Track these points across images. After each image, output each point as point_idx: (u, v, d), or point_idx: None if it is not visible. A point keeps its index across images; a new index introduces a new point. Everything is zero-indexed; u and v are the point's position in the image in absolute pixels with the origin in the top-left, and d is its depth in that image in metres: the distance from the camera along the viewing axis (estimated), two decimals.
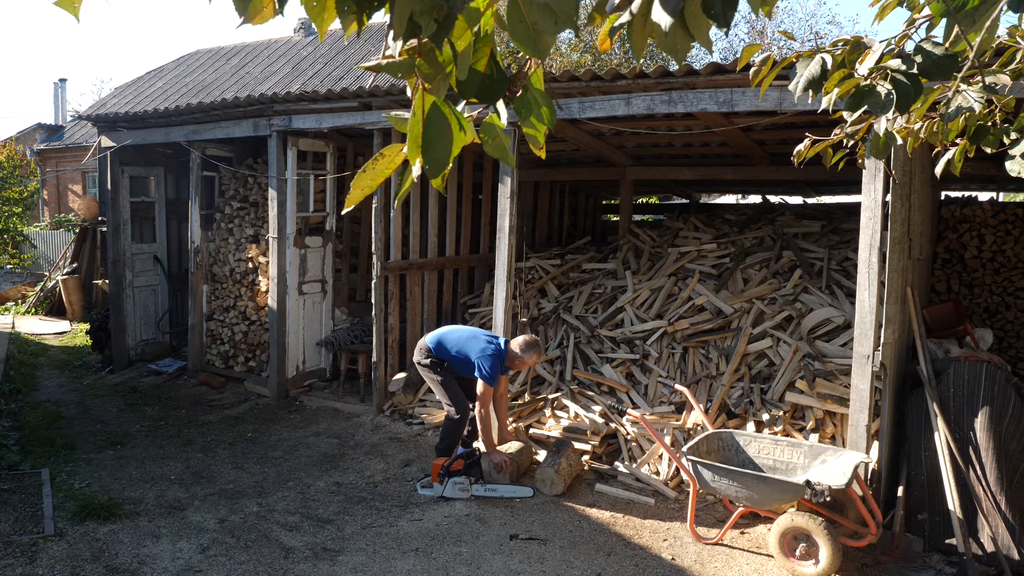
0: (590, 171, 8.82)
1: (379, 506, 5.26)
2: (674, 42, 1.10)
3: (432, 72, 1.05)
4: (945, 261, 8.03)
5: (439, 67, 1.05)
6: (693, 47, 1.12)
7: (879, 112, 2.15)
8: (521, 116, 1.29)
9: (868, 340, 4.76)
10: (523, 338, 5.58)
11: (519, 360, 5.55)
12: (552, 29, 0.99)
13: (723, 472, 4.58)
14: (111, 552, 4.47)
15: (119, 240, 9.17)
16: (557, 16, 0.97)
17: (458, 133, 1.12)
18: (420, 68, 1.04)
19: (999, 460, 4.60)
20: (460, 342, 5.58)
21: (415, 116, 1.08)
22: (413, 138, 1.08)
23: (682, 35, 1.09)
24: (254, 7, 0.97)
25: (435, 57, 1.04)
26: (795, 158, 3.28)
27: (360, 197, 1.25)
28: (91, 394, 8.39)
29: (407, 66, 1.04)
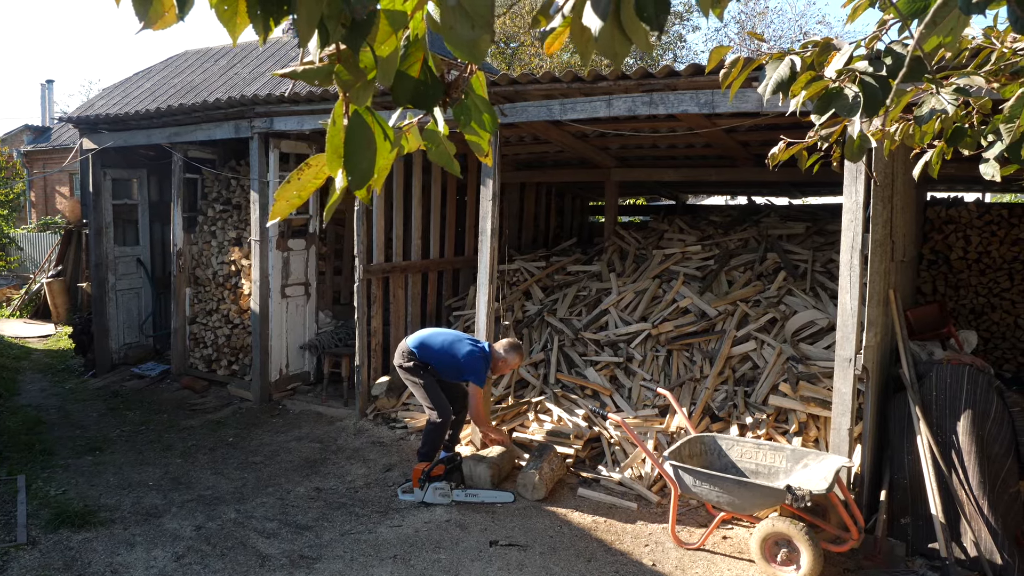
0: (575, 172, 8.78)
1: (359, 512, 5.20)
2: (612, 45, 1.05)
3: (351, 79, 1.00)
4: (931, 262, 8.02)
5: (360, 74, 1.00)
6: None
7: (846, 115, 2.11)
8: (461, 123, 1.25)
9: (850, 343, 4.73)
10: (505, 341, 5.58)
11: (502, 362, 5.56)
12: (469, 34, 0.95)
13: (704, 477, 4.54)
14: (84, 561, 4.40)
15: (101, 243, 9.08)
16: (473, 20, 0.92)
17: (383, 143, 1.07)
18: (339, 75, 0.99)
19: (981, 464, 4.58)
20: (445, 345, 5.54)
21: (335, 125, 1.03)
22: (333, 148, 1.03)
23: (620, 38, 1.05)
24: (155, 12, 0.92)
25: (355, 63, 0.99)
26: (770, 160, 3.25)
27: (288, 209, 1.20)
28: (73, 398, 8.30)
29: (324, 73, 1.00)
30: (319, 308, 8.35)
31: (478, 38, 0.94)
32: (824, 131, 3.03)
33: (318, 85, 1.02)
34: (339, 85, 1.01)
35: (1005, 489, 4.66)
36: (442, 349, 5.53)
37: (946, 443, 4.71)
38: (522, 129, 6.94)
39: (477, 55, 1.10)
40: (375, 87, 1.04)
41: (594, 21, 0.98)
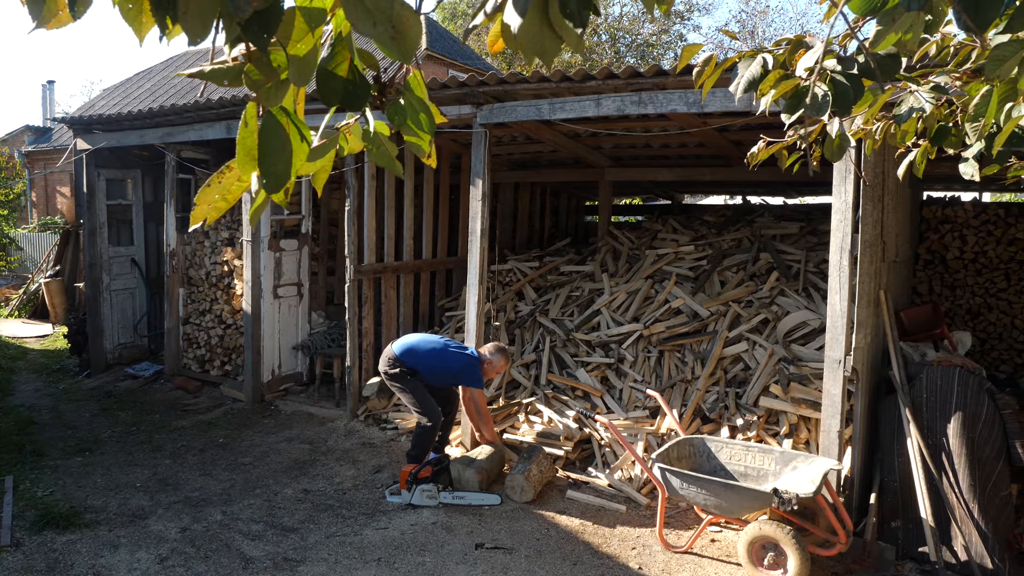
0: (569, 172, 8.74)
1: (345, 514, 5.18)
2: (541, 43, 1.02)
3: (262, 79, 0.96)
4: (927, 262, 7.97)
5: (272, 74, 0.97)
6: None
7: (815, 114, 2.07)
8: (396, 123, 1.21)
9: (839, 344, 4.68)
10: (491, 345, 5.63)
11: (487, 364, 5.59)
12: (371, 32, 0.91)
13: (691, 479, 4.50)
14: (67, 563, 4.38)
15: (96, 243, 9.06)
16: (374, 17, 0.89)
17: (299, 145, 1.04)
18: (248, 75, 0.96)
19: (972, 467, 4.53)
20: (433, 353, 5.56)
21: (247, 127, 0.99)
22: (246, 151, 1.00)
23: (549, 35, 1.01)
24: (48, 11, 0.89)
25: (266, 63, 0.96)
26: (749, 160, 3.21)
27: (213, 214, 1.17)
28: (66, 399, 8.29)
29: (234, 73, 0.96)
30: (312, 309, 8.33)
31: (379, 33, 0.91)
32: (803, 130, 3.00)
33: (227, 85, 0.99)
34: (248, 85, 0.98)
35: (996, 492, 4.61)
36: (430, 356, 5.54)
37: (936, 445, 4.67)
38: (513, 129, 6.91)
39: (406, 52, 1.06)
40: (289, 87, 1.01)
41: (514, 19, 0.94)
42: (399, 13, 1.03)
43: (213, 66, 0.97)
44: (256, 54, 0.94)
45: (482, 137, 6.01)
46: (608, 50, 29.29)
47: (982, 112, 1.70)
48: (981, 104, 1.71)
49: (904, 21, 1.42)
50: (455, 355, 5.55)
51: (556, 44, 1.01)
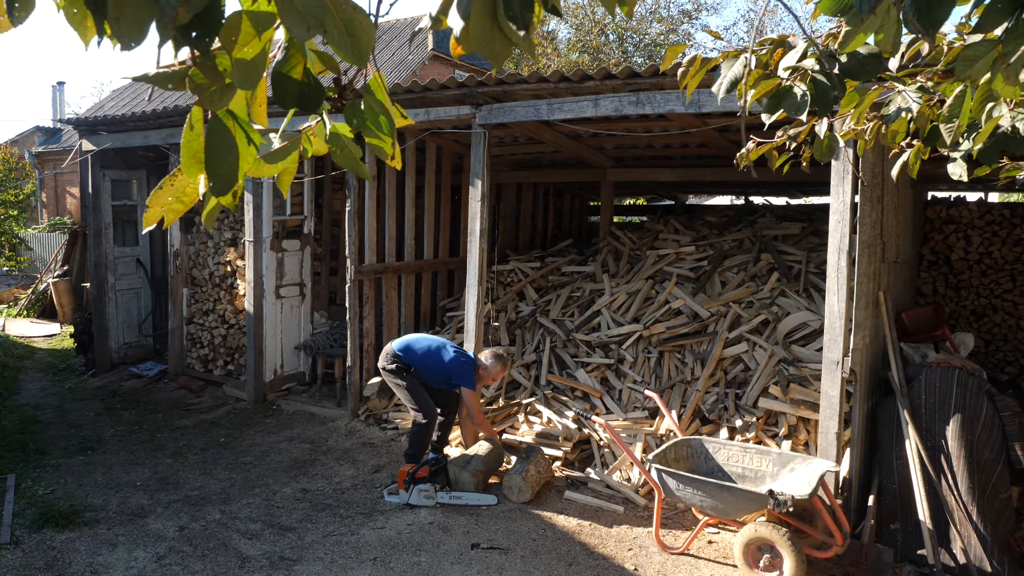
0: (571, 173, 8.74)
1: (343, 513, 5.19)
2: (491, 44, 1.02)
3: (205, 83, 0.97)
4: (931, 263, 7.91)
5: (217, 77, 0.97)
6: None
7: (794, 113, 2.07)
8: (354, 126, 1.22)
9: (837, 345, 4.66)
10: (489, 351, 5.62)
11: (482, 369, 5.57)
12: (304, 34, 0.91)
13: (687, 481, 4.49)
14: (65, 561, 4.41)
15: (101, 243, 9.13)
16: (307, 21, 0.89)
17: (247, 148, 1.04)
18: (192, 79, 0.97)
19: (971, 469, 4.50)
20: (430, 351, 5.58)
21: (192, 131, 1.00)
22: (192, 154, 1.00)
23: (500, 37, 1.01)
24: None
25: (212, 67, 0.96)
26: (739, 161, 3.20)
27: (171, 216, 1.18)
28: (71, 398, 8.34)
29: (178, 77, 0.97)
30: (314, 309, 8.35)
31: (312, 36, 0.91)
32: (793, 131, 2.99)
33: (172, 89, 1.00)
34: (191, 89, 0.98)
35: (996, 495, 4.58)
36: (427, 354, 5.56)
37: (935, 447, 4.64)
38: (514, 129, 6.91)
39: (360, 55, 1.07)
40: (235, 91, 1.01)
41: (457, 21, 0.95)
42: (351, 17, 1.04)
43: (158, 70, 0.98)
44: (199, 58, 0.94)
45: (481, 138, 6.01)
46: (616, 50, 29.21)
47: (956, 113, 1.69)
48: (955, 105, 1.70)
49: (872, 22, 1.42)
50: (450, 353, 5.55)
51: (506, 46, 1.01)
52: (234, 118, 1.04)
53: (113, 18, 0.79)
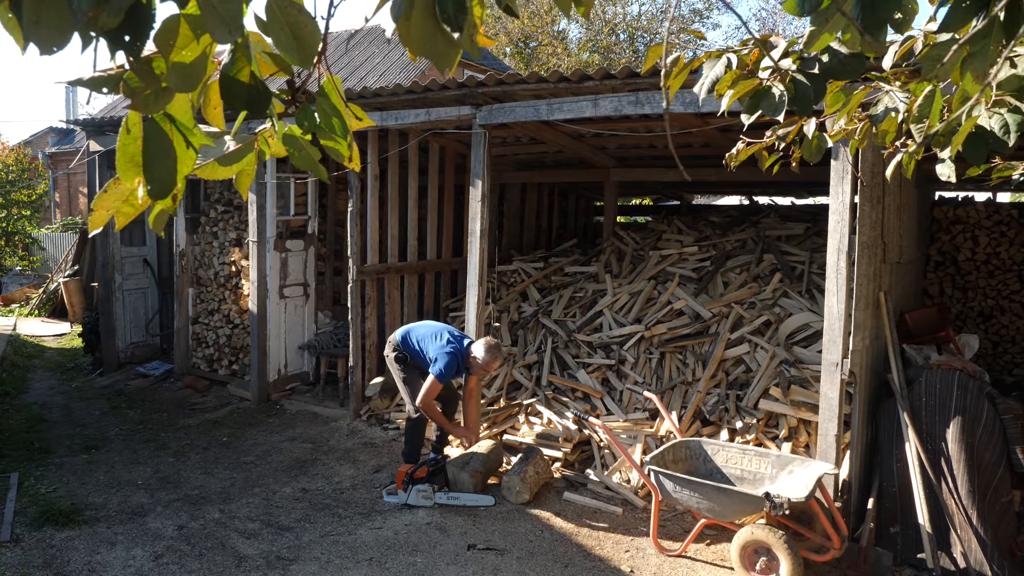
0: (575, 173, 8.71)
1: (342, 513, 5.20)
2: (434, 47, 1.01)
3: (140, 87, 0.96)
4: (938, 264, 7.84)
5: (152, 81, 0.97)
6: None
7: (772, 114, 2.05)
8: (305, 128, 1.21)
9: (837, 347, 4.63)
10: (483, 342, 5.38)
11: (472, 359, 5.32)
12: (226, 38, 0.91)
13: (684, 483, 4.46)
14: (63, 559, 4.45)
15: (108, 244, 9.20)
16: (228, 25, 0.89)
17: (185, 151, 1.04)
18: (127, 82, 0.97)
19: (971, 472, 4.45)
20: (424, 337, 5.47)
21: (129, 134, 1.00)
22: (128, 158, 1.00)
23: (443, 39, 1.01)
24: None
25: (148, 70, 0.96)
26: (728, 161, 3.18)
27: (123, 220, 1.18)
28: (78, 397, 8.41)
29: (113, 81, 0.97)
30: (318, 309, 8.38)
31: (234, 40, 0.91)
32: (781, 131, 2.97)
33: (107, 92, 0.99)
34: (125, 92, 0.98)
35: (997, 499, 4.53)
36: (419, 341, 5.46)
37: (935, 450, 4.59)
38: (515, 129, 6.90)
39: (304, 59, 1.06)
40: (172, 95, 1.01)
41: (388, 22, 0.94)
42: (296, 20, 1.04)
43: (94, 74, 0.98)
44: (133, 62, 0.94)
45: (481, 138, 6.01)
46: (627, 49, 29.15)
47: (926, 113, 1.67)
48: (924, 105, 1.67)
49: (838, 21, 1.40)
50: (439, 340, 5.35)
51: (450, 48, 1.00)
52: (172, 121, 1.04)
53: (32, 23, 0.79)
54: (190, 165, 1.06)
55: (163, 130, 1.02)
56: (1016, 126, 1.62)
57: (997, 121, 1.64)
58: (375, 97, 6.40)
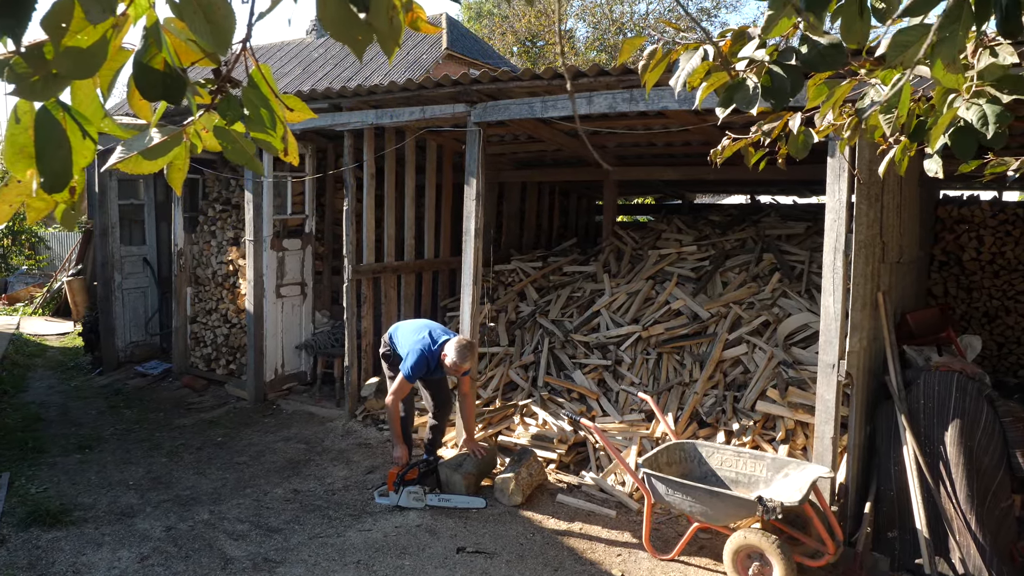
0: (575, 171, 8.64)
1: (332, 515, 5.15)
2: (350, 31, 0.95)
3: (27, 72, 0.91)
4: (942, 264, 7.72)
5: (42, 66, 0.91)
6: None
7: (745, 107, 1.98)
8: (228, 119, 1.15)
9: (833, 348, 4.54)
10: (455, 341, 5.18)
11: (443, 356, 5.16)
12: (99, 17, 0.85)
13: (676, 486, 4.39)
14: (48, 560, 4.41)
15: (107, 243, 9.19)
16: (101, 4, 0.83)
17: (81, 142, 0.98)
18: (14, 68, 0.91)
19: (970, 476, 4.36)
20: (405, 334, 5.43)
21: (18, 124, 0.94)
22: (18, 148, 0.94)
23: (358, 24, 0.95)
24: None
25: (38, 56, 0.90)
26: (712, 157, 3.11)
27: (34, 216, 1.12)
28: (76, 396, 8.40)
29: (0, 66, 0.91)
30: (316, 308, 8.33)
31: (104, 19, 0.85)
32: (767, 126, 2.89)
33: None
34: (9, 78, 0.92)
35: (996, 503, 4.43)
36: (402, 339, 5.43)
37: (934, 454, 4.50)
38: (512, 127, 6.84)
39: (220, 44, 1.00)
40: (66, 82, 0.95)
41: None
42: (209, 3, 0.98)
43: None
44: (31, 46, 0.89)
45: (476, 136, 5.95)
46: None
47: (894, 104, 1.59)
48: (893, 95, 1.60)
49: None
50: (418, 336, 5.26)
51: (366, 31, 0.94)
52: (66, 109, 0.98)
53: None
54: (88, 156, 1.01)
55: (56, 119, 0.96)
56: (995, 117, 1.55)
57: (975, 112, 1.56)
58: (370, 95, 6.35)
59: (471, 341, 5.28)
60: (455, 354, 5.10)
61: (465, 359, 5.10)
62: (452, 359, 5.11)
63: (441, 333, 5.36)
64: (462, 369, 5.18)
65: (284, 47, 19.69)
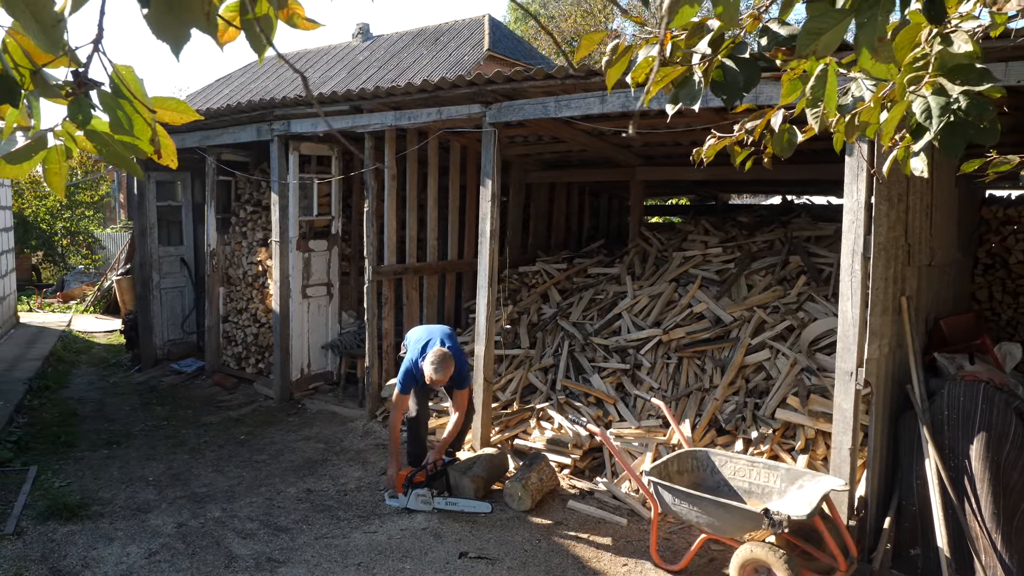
0: (602, 172, 8.51)
1: (341, 516, 5.16)
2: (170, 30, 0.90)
3: None
4: (987, 267, 7.35)
5: None
6: None
7: (688, 103, 1.88)
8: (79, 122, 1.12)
9: (851, 355, 4.35)
10: (431, 354, 5.17)
11: (427, 379, 5.18)
12: None
13: (683, 495, 4.25)
14: (60, 553, 4.52)
15: (145, 243, 9.43)
16: None
17: None
18: None
19: (996, 493, 4.11)
20: (413, 342, 5.54)
21: None
22: None
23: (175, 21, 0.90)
24: None
25: None
26: (695, 157, 3.00)
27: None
28: (113, 392, 8.64)
29: None
30: (343, 308, 8.40)
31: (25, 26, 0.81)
32: (750, 123, 2.77)
33: None
34: None
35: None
36: (410, 346, 5.52)
37: (958, 468, 4.26)
38: (532, 128, 6.76)
39: (51, 44, 0.97)
40: None
41: None
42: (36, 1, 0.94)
43: None
44: None
45: (491, 137, 5.89)
46: None
47: (819, 95, 1.48)
48: (817, 86, 1.48)
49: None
50: (416, 349, 5.37)
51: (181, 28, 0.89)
52: None
53: None
54: None
55: None
56: (939, 110, 1.42)
57: (919, 104, 1.43)
58: (389, 96, 6.35)
59: (445, 352, 5.17)
60: (430, 367, 5.14)
61: (438, 372, 5.11)
62: (428, 373, 5.15)
63: (441, 342, 5.34)
64: (438, 382, 5.19)
65: (331, 51, 19.97)
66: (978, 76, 1.42)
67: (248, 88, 18.73)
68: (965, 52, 1.46)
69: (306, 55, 20.11)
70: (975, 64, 1.43)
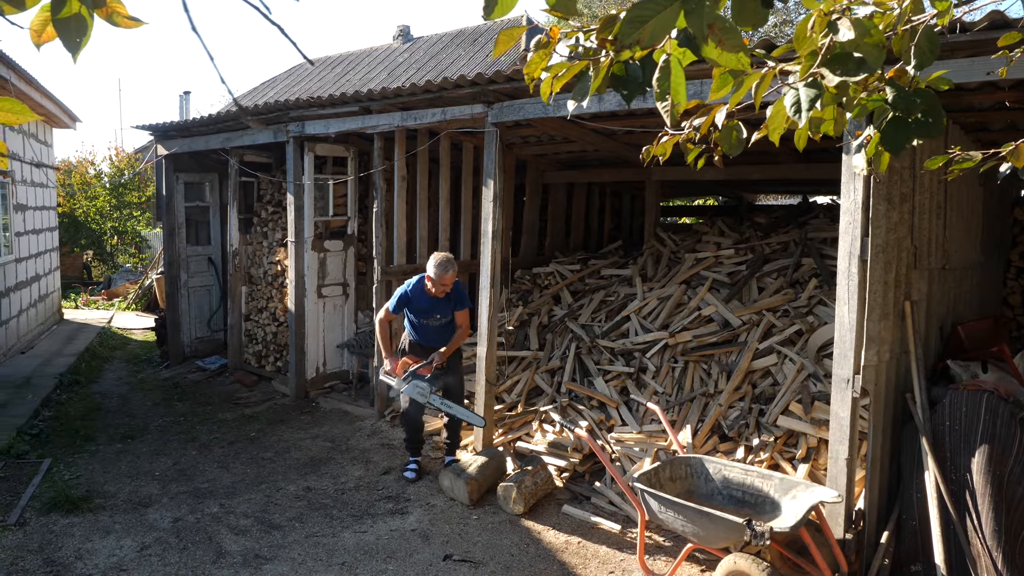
0: (619, 172, 8.38)
1: (335, 514, 5.18)
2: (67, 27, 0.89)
3: None
4: (1020, 270, 7.01)
5: None
6: None
7: (578, 99, 1.80)
8: None
9: (848, 361, 4.18)
10: (434, 256, 5.38)
11: (433, 281, 5.31)
12: None
13: (668, 503, 4.14)
14: (56, 545, 4.63)
15: (174, 243, 9.66)
16: None
17: None
18: None
19: (997, 509, 3.90)
20: None
21: None
22: None
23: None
24: None
25: None
26: (644, 156, 2.91)
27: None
28: (139, 388, 8.87)
29: None
30: (358, 308, 8.45)
31: None
32: (696, 121, 2.67)
33: None
34: None
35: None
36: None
37: (958, 481, 4.06)
38: (538, 128, 6.70)
39: None
40: None
41: None
42: None
43: None
44: None
45: (493, 136, 5.85)
46: None
47: (666, 88, 1.39)
48: (662, 79, 1.39)
49: None
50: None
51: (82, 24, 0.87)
52: None
53: None
54: None
55: None
56: (808, 103, 1.33)
57: (790, 97, 1.34)
58: (396, 97, 6.37)
59: (447, 255, 5.38)
60: (437, 267, 5.25)
61: (439, 270, 5.23)
62: (436, 272, 5.26)
63: None
64: (445, 280, 5.27)
65: (372, 53, 20.21)
66: (855, 65, 1.32)
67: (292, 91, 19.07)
68: (848, 40, 1.37)
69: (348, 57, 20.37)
70: (852, 53, 1.33)
